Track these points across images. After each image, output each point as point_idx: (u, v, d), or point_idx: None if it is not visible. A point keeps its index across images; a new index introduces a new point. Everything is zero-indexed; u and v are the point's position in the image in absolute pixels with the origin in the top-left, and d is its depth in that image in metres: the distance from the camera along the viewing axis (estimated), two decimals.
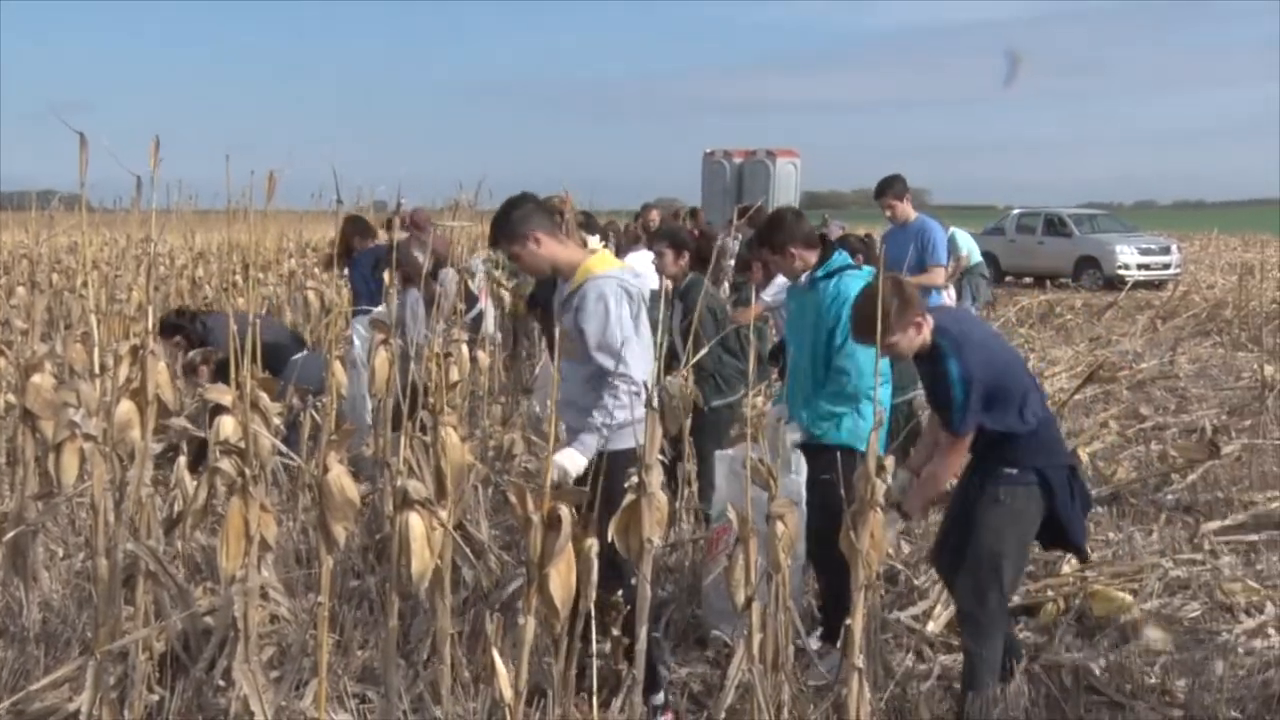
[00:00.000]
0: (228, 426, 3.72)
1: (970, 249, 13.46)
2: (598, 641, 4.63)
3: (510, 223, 4.26)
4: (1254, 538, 6.32)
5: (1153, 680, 4.52)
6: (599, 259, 4.24)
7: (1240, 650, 4.80)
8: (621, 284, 4.13)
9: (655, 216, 13.43)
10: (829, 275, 4.90)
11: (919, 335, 4.14)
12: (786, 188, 26.83)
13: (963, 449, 4.18)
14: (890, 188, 8.22)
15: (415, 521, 3.49)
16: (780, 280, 7.11)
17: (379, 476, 5.97)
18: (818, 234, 5.14)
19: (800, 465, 4.79)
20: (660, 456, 3.76)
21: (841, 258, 4.96)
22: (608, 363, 4.03)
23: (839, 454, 4.49)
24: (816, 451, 4.75)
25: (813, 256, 4.97)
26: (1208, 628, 5.16)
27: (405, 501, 3.50)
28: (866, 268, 5.08)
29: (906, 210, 8.22)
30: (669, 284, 6.47)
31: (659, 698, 4.03)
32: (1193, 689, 4.33)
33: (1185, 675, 4.49)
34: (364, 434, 6.48)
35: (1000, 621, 4.22)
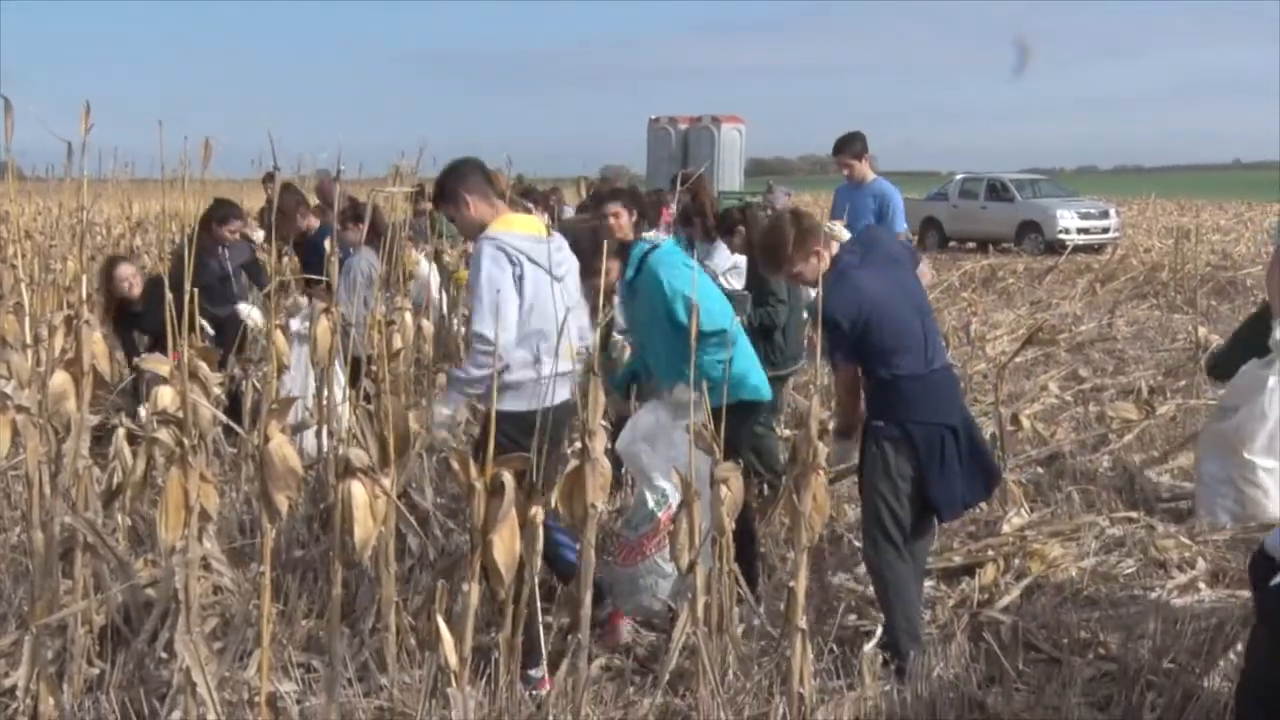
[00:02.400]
0: (165, 396, 3.68)
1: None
2: (544, 608, 4.67)
3: (444, 185, 4.32)
4: (1186, 501, 6.45)
5: (1087, 635, 4.62)
6: (502, 220, 4.27)
7: (1173, 605, 4.91)
8: (499, 245, 4.15)
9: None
10: (643, 258, 4.92)
11: (820, 263, 4.23)
12: (731, 154, 26.83)
13: (843, 380, 4.26)
14: (849, 146, 8.06)
15: (358, 490, 3.48)
16: (724, 252, 7.15)
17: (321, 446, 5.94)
18: (622, 244, 5.10)
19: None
20: (604, 423, 3.78)
21: (640, 246, 4.98)
22: (473, 319, 4.12)
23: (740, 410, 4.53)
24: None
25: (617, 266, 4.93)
26: (1142, 583, 5.28)
27: (348, 470, 3.49)
28: (669, 240, 5.23)
29: (865, 170, 8.08)
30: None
31: (537, 671, 3.99)
32: (1126, 643, 4.43)
33: (1119, 630, 4.59)
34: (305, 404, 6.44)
35: (905, 576, 4.29)
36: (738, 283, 6.86)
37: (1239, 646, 4.46)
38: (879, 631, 4.36)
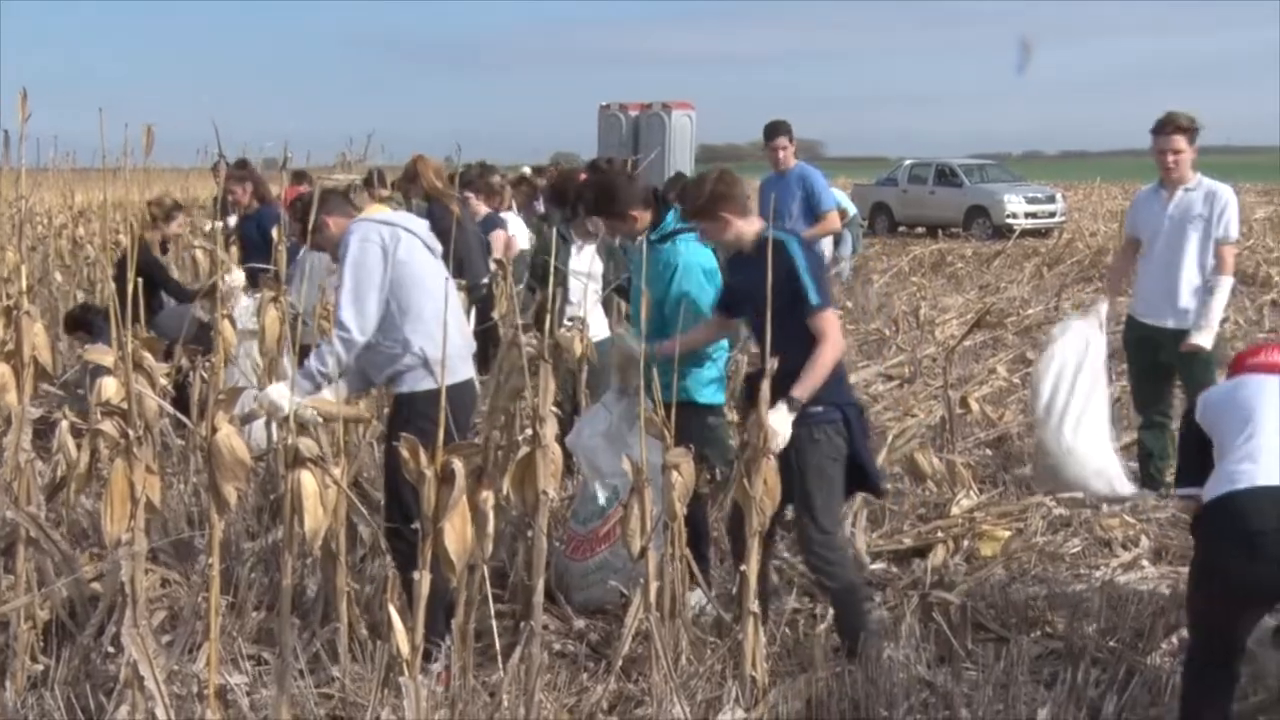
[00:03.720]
0: (109, 388, 3.64)
1: (845, 202, 14.07)
2: (495, 596, 4.66)
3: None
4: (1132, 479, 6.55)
5: (1035, 614, 4.69)
6: (371, 208, 4.41)
7: (1117, 583, 4.99)
8: (365, 227, 4.21)
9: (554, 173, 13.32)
10: (664, 238, 4.93)
11: (745, 225, 4.31)
12: (682, 141, 26.84)
13: (835, 322, 4.20)
14: (785, 130, 8.09)
15: (308, 479, 3.46)
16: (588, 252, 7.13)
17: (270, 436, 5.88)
18: (652, 193, 5.14)
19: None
20: (554, 409, 3.78)
21: (671, 220, 4.97)
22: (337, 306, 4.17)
23: (692, 410, 4.53)
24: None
25: (649, 216, 4.95)
26: (1087, 562, 5.36)
27: (297, 460, 3.46)
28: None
29: (790, 156, 8.14)
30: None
31: (436, 665, 3.93)
32: (1071, 621, 4.50)
33: (1065, 608, 4.66)
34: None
35: (846, 554, 4.40)
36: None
37: (1181, 624, 4.55)
38: (830, 614, 4.40)
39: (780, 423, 3.96)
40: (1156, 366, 6.25)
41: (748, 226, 4.31)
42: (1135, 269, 6.53)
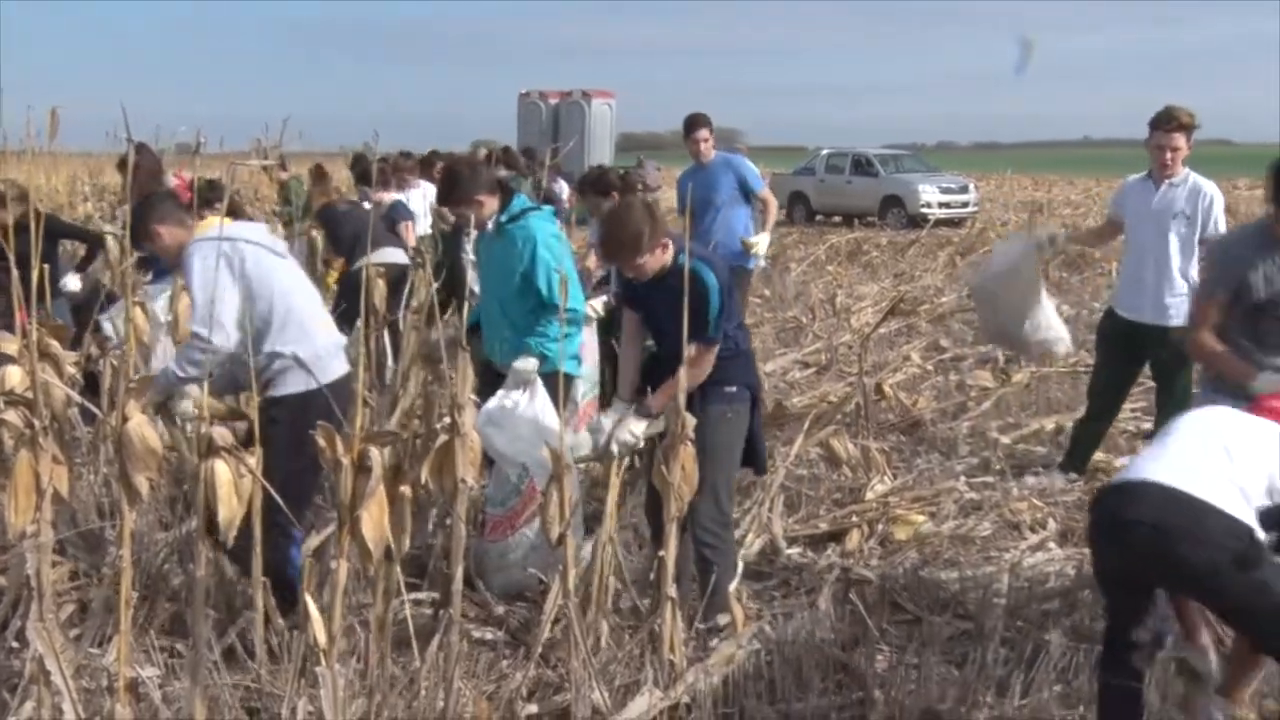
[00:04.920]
0: (14, 376, 3.55)
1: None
2: (411, 585, 4.64)
3: (136, 226, 4.30)
4: (1039, 465, 6.72)
5: (947, 596, 4.79)
6: (199, 228, 4.31)
7: (1025, 564, 5.12)
8: (204, 245, 4.14)
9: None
10: (513, 219, 5.08)
11: (664, 255, 4.26)
12: (602, 128, 26.84)
13: (714, 354, 4.28)
14: (705, 122, 7.99)
15: (221, 469, 3.42)
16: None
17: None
18: (496, 180, 5.28)
19: (544, 397, 4.78)
20: (473, 397, 3.77)
21: (520, 201, 5.15)
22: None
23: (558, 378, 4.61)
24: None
25: (495, 202, 5.10)
26: (997, 545, 5.49)
27: (210, 449, 3.42)
28: (546, 207, 5.34)
29: (710, 147, 8.07)
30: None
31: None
32: (981, 602, 4.61)
33: (976, 589, 4.77)
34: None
35: (733, 534, 4.59)
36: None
37: (1085, 603, 4.69)
38: (732, 587, 4.43)
39: (632, 430, 4.22)
40: (1126, 361, 6.25)
41: (668, 254, 4.29)
42: (1116, 256, 6.66)
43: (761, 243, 7.99)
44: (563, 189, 13.69)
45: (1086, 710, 3.74)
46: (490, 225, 5.13)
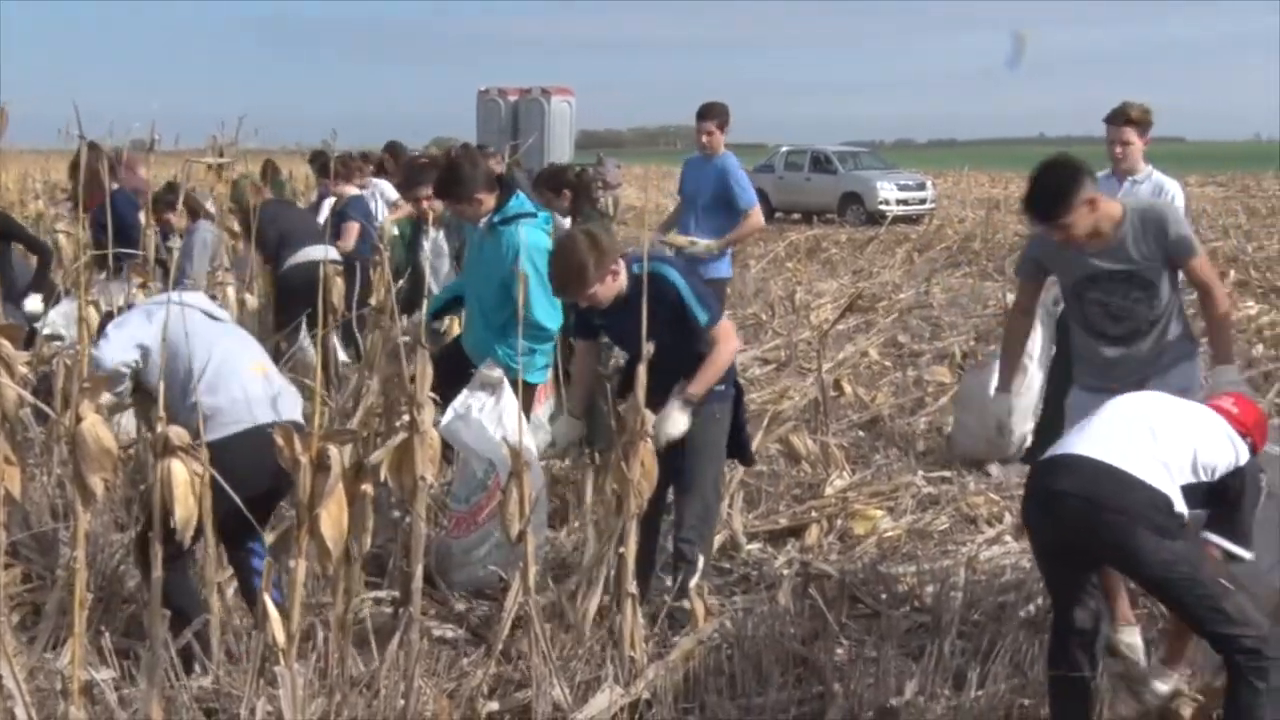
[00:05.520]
0: None
1: None
2: (371, 583, 4.63)
3: None
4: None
5: (905, 590, 4.84)
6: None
7: (981, 558, 5.18)
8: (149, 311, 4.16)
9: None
10: (506, 221, 5.05)
11: (615, 282, 4.22)
12: (562, 126, 26.78)
13: (730, 329, 4.39)
14: (716, 113, 7.54)
15: (178, 469, 3.40)
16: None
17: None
18: (495, 178, 5.24)
19: (509, 398, 4.79)
20: (432, 395, 3.77)
21: (519, 203, 5.10)
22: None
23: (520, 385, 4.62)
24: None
25: (493, 200, 5.08)
26: (954, 539, 5.55)
27: (166, 448, 3.40)
28: (543, 213, 5.30)
29: (720, 142, 7.53)
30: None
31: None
32: (939, 595, 4.66)
33: (933, 583, 4.81)
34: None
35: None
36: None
37: (1039, 594, 4.75)
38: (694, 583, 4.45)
39: (677, 423, 4.14)
40: None
41: (624, 272, 4.27)
42: None
43: (701, 244, 7.33)
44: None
45: (1041, 701, 3.78)
46: (483, 223, 5.07)
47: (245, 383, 4.05)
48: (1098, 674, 3.51)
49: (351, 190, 8.86)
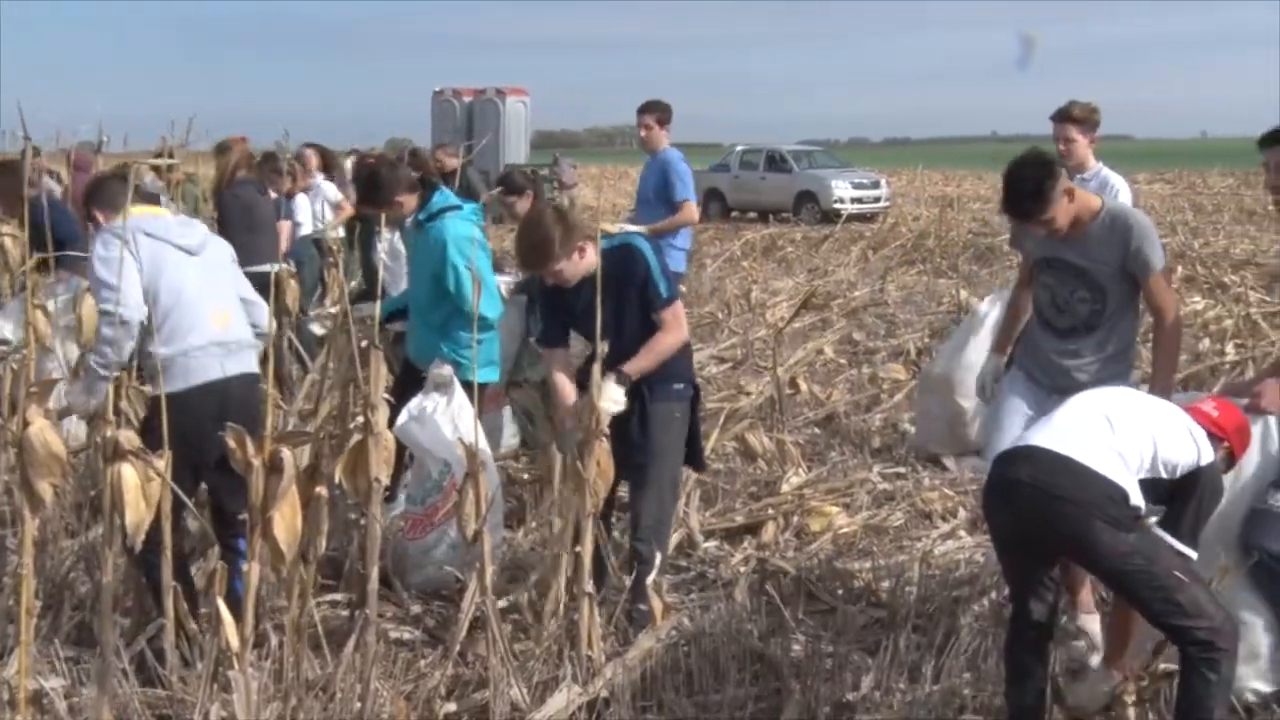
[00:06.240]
0: None
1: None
2: (327, 586, 4.61)
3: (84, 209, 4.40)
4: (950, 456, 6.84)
5: (861, 585, 4.87)
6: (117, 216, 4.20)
7: (936, 552, 5.22)
8: (106, 233, 4.12)
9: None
10: (432, 217, 5.12)
11: (583, 260, 4.23)
12: (517, 126, 26.76)
13: (680, 313, 4.39)
14: (653, 108, 7.56)
15: (129, 473, 3.37)
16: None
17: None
18: (416, 178, 5.33)
19: (461, 398, 4.78)
20: (386, 396, 3.75)
21: (443, 198, 5.18)
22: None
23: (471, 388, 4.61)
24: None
25: (414, 200, 5.16)
26: (909, 534, 5.60)
27: (117, 453, 3.37)
28: (469, 205, 5.35)
29: (658, 138, 7.55)
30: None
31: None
32: (894, 590, 4.70)
33: (889, 578, 4.85)
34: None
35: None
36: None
37: (993, 588, 4.80)
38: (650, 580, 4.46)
39: (612, 397, 4.01)
40: None
41: (593, 251, 4.25)
42: None
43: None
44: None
45: (996, 693, 3.83)
46: (410, 223, 5.13)
47: (203, 333, 4.06)
48: (1051, 666, 3.55)
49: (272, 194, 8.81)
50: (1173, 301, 4.31)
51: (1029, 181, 4.00)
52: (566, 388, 4.37)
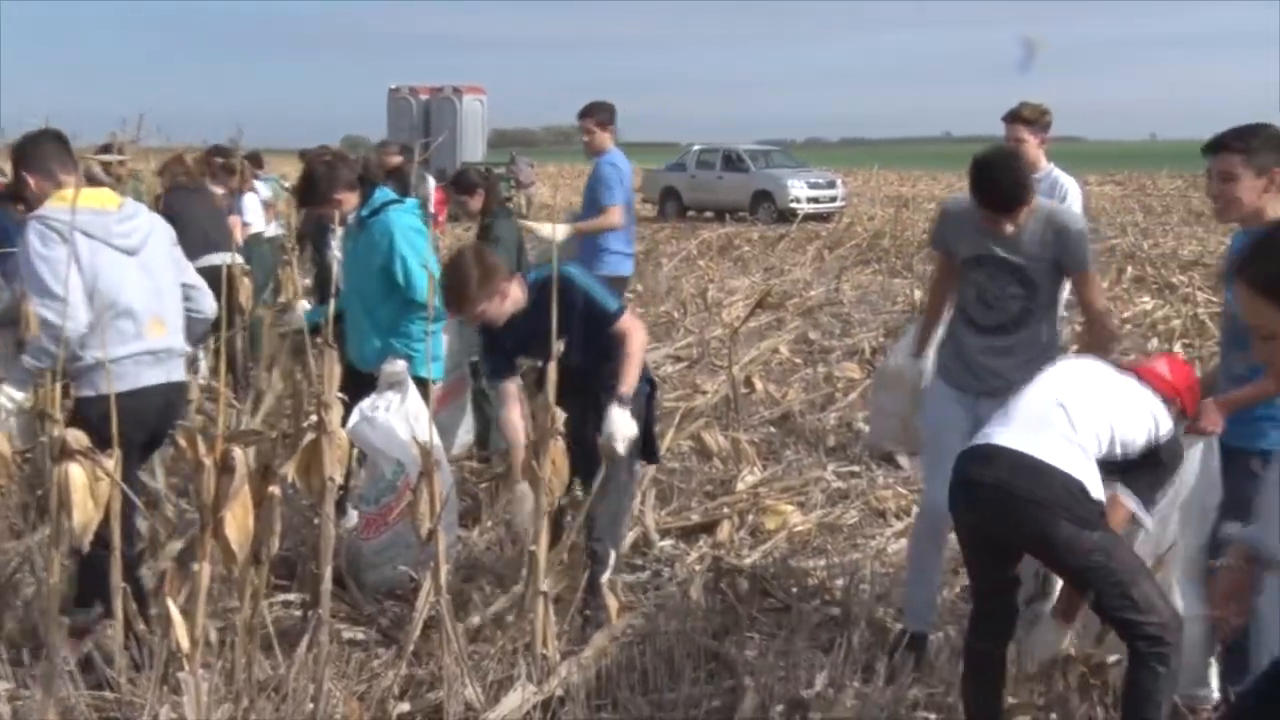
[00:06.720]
0: None
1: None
2: (280, 586, 4.57)
3: (15, 167, 4.11)
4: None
5: (815, 583, 4.90)
6: (58, 196, 3.92)
7: (890, 550, 5.26)
8: (45, 224, 3.84)
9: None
10: (374, 213, 5.10)
11: (506, 301, 4.19)
12: (473, 124, 26.69)
13: (633, 318, 4.37)
14: (592, 110, 7.30)
15: (76, 473, 3.33)
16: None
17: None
18: (356, 175, 5.29)
19: (415, 396, 4.76)
20: (340, 395, 3.72)
21: (383, 194, 5.18)
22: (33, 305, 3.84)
23: (422, 384, 4.57)
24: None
25: (355, 198, 5.13)
26: (863, 532, 5.63)
27: (64, 452, 3.32)
28: (410, 200, 5.36)
29: (602, 141, 7.25)
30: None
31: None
32: (848, 588, 4.73)
33: (843, 576, 4.88)
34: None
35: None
36: None
37: (945, 585, 4.84)
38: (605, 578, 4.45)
39: (625, 423, 4.12)
40: None
41: (518, 288, 4.27)
42: None
43: (545, 230, 7.09)
44: (430, 186, 13.61)
45: (948, 690, 3.86)
46: (352, 220, 5.10)
47: (137, 342, 3.95)
48: (1008, 660, 3.57)
49: (219, 190, 8.75)
50: (1101, 294, 4.39)
51: (1010, 175, 4.02)
52: (518, 433, 4.33)
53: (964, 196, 4.40)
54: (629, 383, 4.22)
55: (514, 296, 4.23)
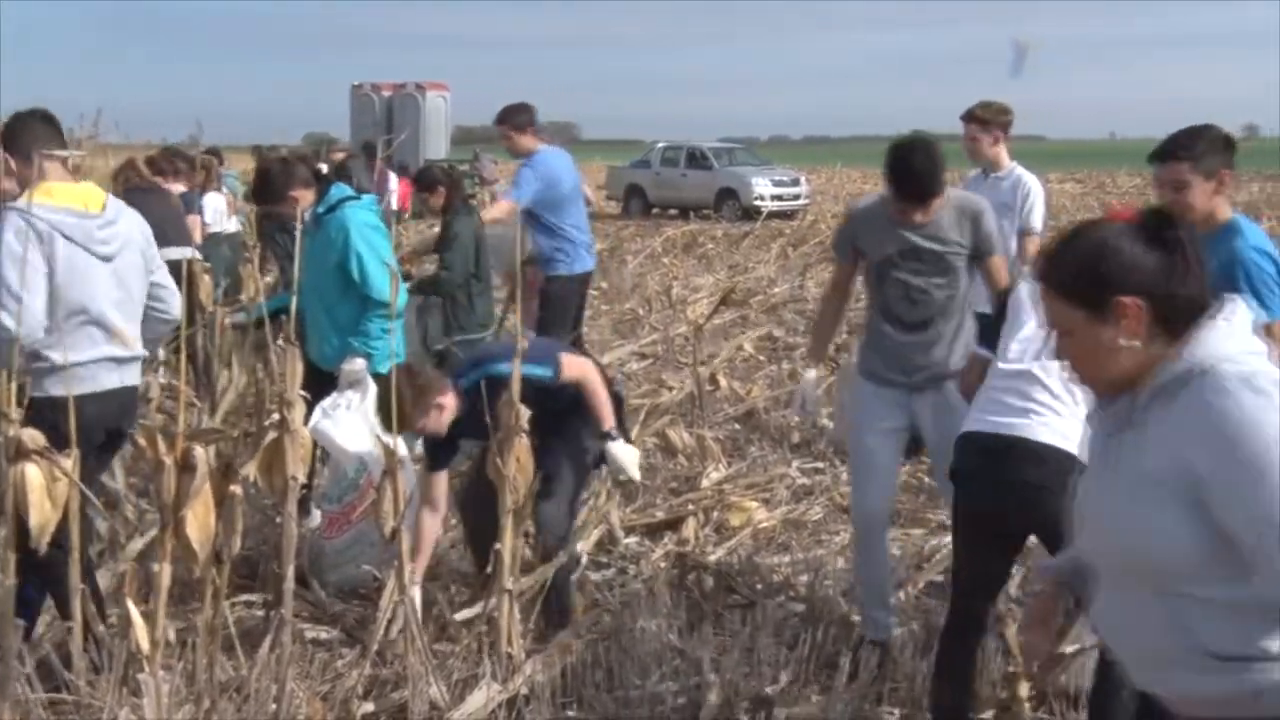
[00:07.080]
0: None
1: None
2: (242, 586, 4.53)
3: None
4: None
5: (780, 580, 4.91)
6: (41, 189, 3.81)
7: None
8: (25, 219, 3.72)
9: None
10: (330, 210, 5.10)
11: (445, 413, 4.15)
12: (437, 122, 26.55)
13: (583, 364, 4.43)
14: (505, 115, 7.03)
15: (33, 473, 3.28)
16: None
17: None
18: (312, 171, 5.30)
19: (374, 390, 4.66)
20: (302, 393, 3.70)
21: (339, 190, 5.18)
22: None
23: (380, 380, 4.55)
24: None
25: (311, 195, 5.13)
26: (827, 528, 5.65)
27: (20, 452, 3.28)
28: (366, 196, 5.34)
29: (524, 144, 6.98)
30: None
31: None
32: (812, 584, 4.74)
33: (807, 573, 4.90)
34: None
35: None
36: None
37: (908, 580, 4.87)
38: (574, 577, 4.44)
39: (626, 453, 4.26)
40: None
41: (453, 399, 4.19)
42: None
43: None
44: (392, 183, 13.60)
45: (911, 685, 3.89)
46: (308, 218, 5.07)
47: (102, 349, 3.87)
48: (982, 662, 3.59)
49: (179, 188, 8.69)
50: (1006, 277, 4.38)
51: (929, 163, 4.04)
52: (424, 539, 4.28)
53: (869, 199, 4.46)
54: (607, 419, 4.26)
55: (450, 406, 4.16)
